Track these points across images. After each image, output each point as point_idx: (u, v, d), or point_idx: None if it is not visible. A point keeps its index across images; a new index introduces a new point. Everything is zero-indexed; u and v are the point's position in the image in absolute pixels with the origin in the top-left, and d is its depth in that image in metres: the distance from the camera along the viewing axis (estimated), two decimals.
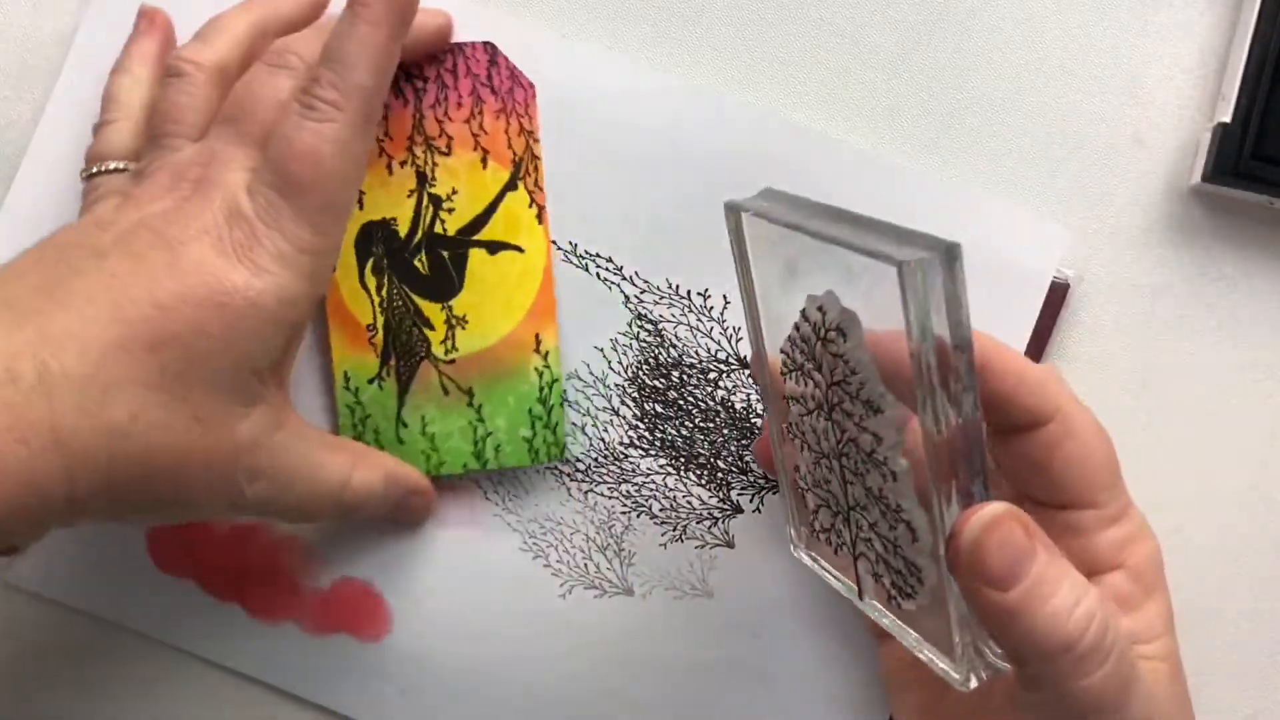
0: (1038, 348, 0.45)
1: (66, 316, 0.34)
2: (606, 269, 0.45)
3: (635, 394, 0.45)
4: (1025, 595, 0.31)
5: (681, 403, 0.45)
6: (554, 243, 0.45)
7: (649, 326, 0.45)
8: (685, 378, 0.45)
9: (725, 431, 0.45)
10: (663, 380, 0.44)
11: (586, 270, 0.45)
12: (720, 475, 0.45)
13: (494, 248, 0.45)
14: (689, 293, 0.45)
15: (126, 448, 0.35)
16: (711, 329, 0.45)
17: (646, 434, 0.45)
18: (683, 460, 0.45)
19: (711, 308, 0.45)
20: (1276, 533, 0.46)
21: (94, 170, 0.41)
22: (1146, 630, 0.36)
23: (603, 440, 0.45)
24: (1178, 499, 0.45)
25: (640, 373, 0.45)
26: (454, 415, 0.45)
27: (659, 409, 0.45)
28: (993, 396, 0.35)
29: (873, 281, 0.30)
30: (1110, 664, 0.32)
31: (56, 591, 0.46)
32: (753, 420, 0.45)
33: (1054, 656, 0.32)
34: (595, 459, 0.45)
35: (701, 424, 0.45)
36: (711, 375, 0.45)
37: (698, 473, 0.45)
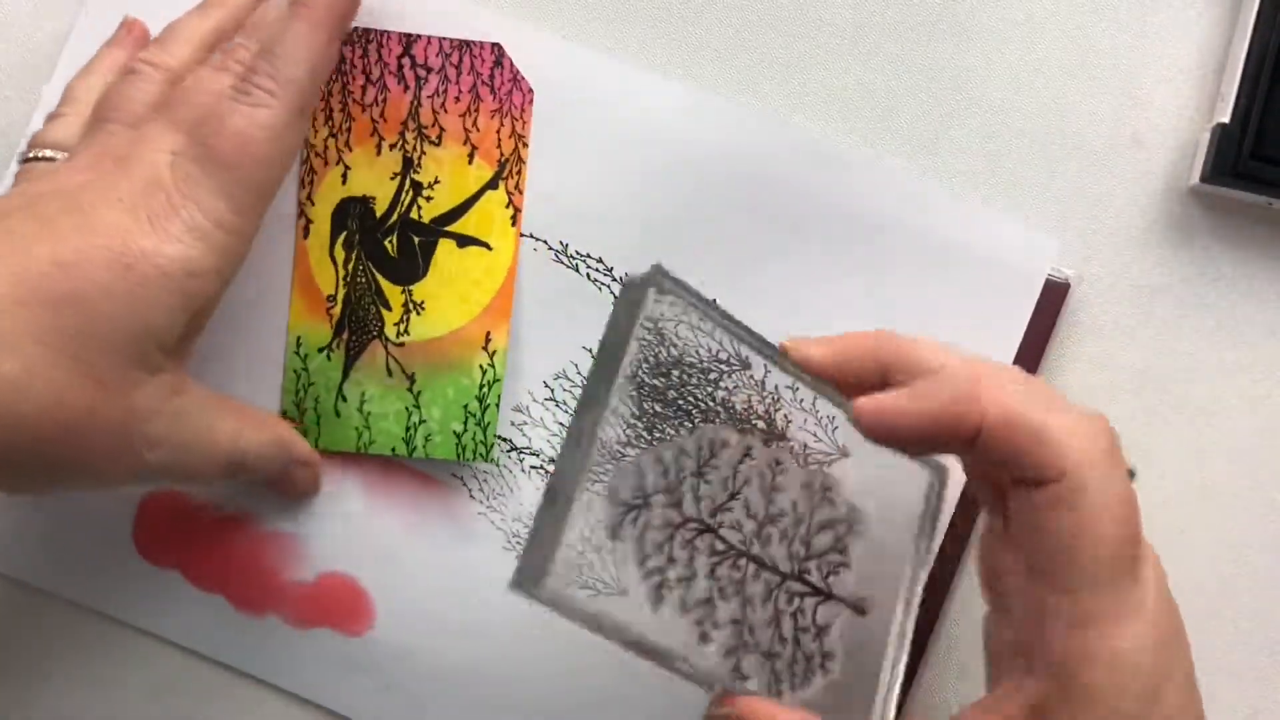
0: (1038, 348, 0.45)
1: None
2: (596, 269, 0.45)
3: (634, 392, 0.45)
4: None
5: (681, 402, 0.45)
6: (545, 242, 0.45)
7: (649, 325, 0.45)
8: (685, 376, 0.45)
9: None
10: (662, 379, 0.44)
11: (577, 271, 0.45)
12: None
13: (463, 241, 0.45)
14: None
15: (19, 406, 0.34)
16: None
17: (645, 433, 0.45)
18: None
19: None
20: (1276, 533, 0.45)
21: (31, 155, 0.42)
22: None
23: (599, 439, 0.45)
24: (1178, 499, 0.45)
25: (640, 371, 0.45)
26: (392, 398, 0.45)
27: (658, 408, 0.45)
28: (1000, 450, 0.33)
29: None
30: None
31: (36, 577, 0.46)
32: (753, 421, 0.45)
33: None
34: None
35: (701, 424, 0.45)
36: (712, 375, 0.45)
37: None
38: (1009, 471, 0.34)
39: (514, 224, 0.45)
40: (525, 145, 0.45)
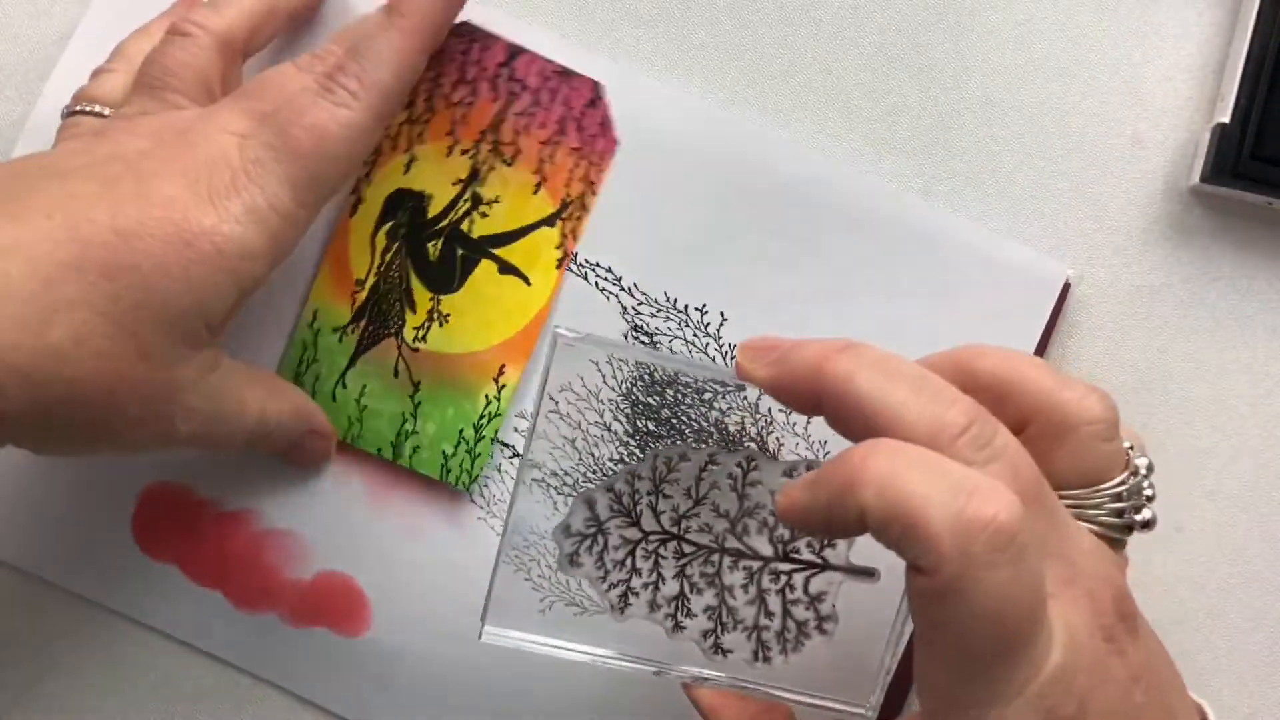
0: (1039, 349, 0.44)
1: (17, 228, 0.34)
2: (606, 279, 0.45)
3: (628, 410, 0.45)
4: None
5: (675, 421, 0.44)
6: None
7: (645, 339, 0.45)
8: (680, 396, 0.44)
9: None
10: (656, 398, 0.44)
11: (586, 279, 0.45)
12: None
13: (505, 268, 0.44)
14: (686, 307, 0.45)
15: (64, 371, 0.34)
16: (707, 345, 0.45)
17: (637, 451, 0.45)
18: None
19: (709, 323, 0.45)
20: (1276, 533, 0.46)
21: (77, 109, 0.41)
22: None
23: (592, 455, 0.45)
24: (1178, 499, 0.45)
25: (635, 389, 0.45)
26: (392, 399, 0.45)
27: (651, 426, 0.44)
28: (880, 540, 0.30)
29: None
30: None
31: (33, 564, 0.46)
32: (746, 444, 0.45)
33: None
34: (584, 474, 0.45)
35: (693, 445, 0.45)
36: (706, 396, 0.44)
37: None
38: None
39: (559, 266, 0.44)
40: (594, 194, 0.44)
